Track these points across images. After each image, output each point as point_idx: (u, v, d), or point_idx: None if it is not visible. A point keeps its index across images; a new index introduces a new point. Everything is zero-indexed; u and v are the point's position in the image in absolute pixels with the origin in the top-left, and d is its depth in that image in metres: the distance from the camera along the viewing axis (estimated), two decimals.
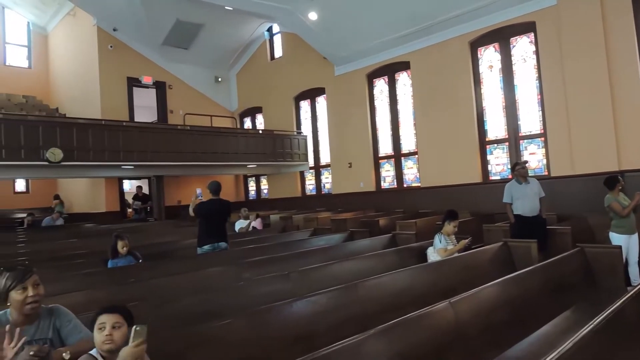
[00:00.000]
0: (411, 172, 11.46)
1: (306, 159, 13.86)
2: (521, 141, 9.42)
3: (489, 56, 9.88)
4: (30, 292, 2.20)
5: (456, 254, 4.82)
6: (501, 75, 9.66)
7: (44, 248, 7.24)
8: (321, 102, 13.68)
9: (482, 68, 9.96)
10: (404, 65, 11.30)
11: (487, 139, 9.92)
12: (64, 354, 2.12)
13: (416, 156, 11.23)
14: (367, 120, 12.11)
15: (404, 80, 11.52)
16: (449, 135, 10.21)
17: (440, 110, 10.36)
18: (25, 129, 9.29)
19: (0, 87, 15.59)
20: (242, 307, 3.44)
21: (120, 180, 13.64)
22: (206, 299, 3.45)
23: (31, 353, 1.98)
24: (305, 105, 14.26)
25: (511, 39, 9.49)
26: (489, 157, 9.91)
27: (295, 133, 13.97)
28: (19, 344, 1.71)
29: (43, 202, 15.31)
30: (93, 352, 2.03)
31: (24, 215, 13.02)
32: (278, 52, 14.88)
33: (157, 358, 2.15)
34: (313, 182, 14.08)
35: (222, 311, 3.27)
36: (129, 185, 15.14)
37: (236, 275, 4.54)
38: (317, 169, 13.88)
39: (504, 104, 9.63)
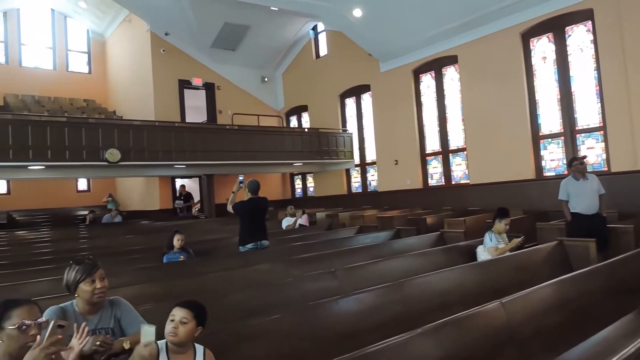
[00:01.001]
0: (459, 169, 11.19)
1: (352, 157, 13.84)
2: (578, 135, 8.97)
3: (542, 47, 9.46)
4: (97, 285, 2.36)
5: (508, 253, 4.67)
6: (555, 66, 9.23)
7: (103, 244, 7.66)
8: (366, 99, 13.61)
9: (535, 60, 9.56)
10: (451, 60, 11.03)
11: (540, 134, 9.52)
12: (124, 343, 2.24)
13: (465, 152, 10.94)
14: (413, 116, 11.93)
15: (451, 74, 11.25)
16: (500, 130, 9.88)
17: (490, 104, 10.04)
18: (87, 132, 9.86)
19: (63, 92, 16.65)
20: (290, 303, 3.51)
21: (173, 179, 14.18)
22: (255, 295, 3.53)
23: (97, 343, 2.12)
24: (350, 102, 14.24)
25: (566, 28, 9.04)
26: (542, 152, 9.51)
27: (340, 131, 13.98)
28: (85, 339, 1.83)
29: (103, 200, 16.18)
30: (161, 341, 2.12)
31: (86, 212, 13.85)
32: (323, 51, 14.94)
33: (211, 349, 2.24)
34: (359, 179, 14.04)
35: (271, 307, 3.34)
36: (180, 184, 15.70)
37: (283, 272, 4.61)
38: (363, 166, 13.83)
39: (558, 97, 9.20)
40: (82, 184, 17.31)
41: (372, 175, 13.56)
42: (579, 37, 8.92)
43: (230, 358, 2.39)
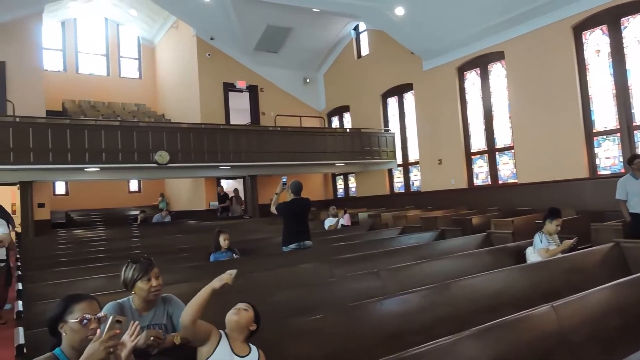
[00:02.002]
0: (507, 168, 10.84)
1: (394, 157, 13.72)
2: (636, 131, 8.48)
3: (596, 40, 9.02)
4: (153, 283, 2.47)
5: (559, 255, 4.49)
6: (610, 60, 8.78)
7: (154, 242, 7.97)
8: (409, 98, 13.44)
9: (588, 53, 9.12)
10: (497, 56, 10.71)
11: (594, 130, 9.07)
12: (175, 339, 2.34)
13: (512, 151, 10.59)
14: (457, 114, 11.67)
15: (497, 71, 10.92)
16: (550, 128, 9.50)
17: (540, 100, 9.67)
18: (138, 135, 10.30)
19: (116, 97, 17.47)
20: (334, 302, 3.53)
21: (218, 180, 14.56)
22: (299, 294, 3.57)
23: (151, 338, 2.23)
24: (392, 102, 14.11)
25: (622, 19, 8.58)
26: (596, 149, 9.06)
27: (382, 130, 13.88)
28: (137, 336, 1.92)
29: (153, 200, 16.88)
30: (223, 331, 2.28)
31: (137, 212, 14.46)
32: (365, 50, 14.88)
33: (256, 346, 2.30)
34: (401, 179, 13.89)
35: (315, 306, 3.37)
36: (226, 185, 16.09)
37: (326, 272, 4.64)
38: (406, 166, 13.67)
39: (614, 92, 8.74)
40: (134, 185, 18.09)
41: (415, 175, 13.37)
42: (636, 28, 8.43)
43: (276, 356, 2.43)
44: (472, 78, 11.55)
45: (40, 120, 10.01)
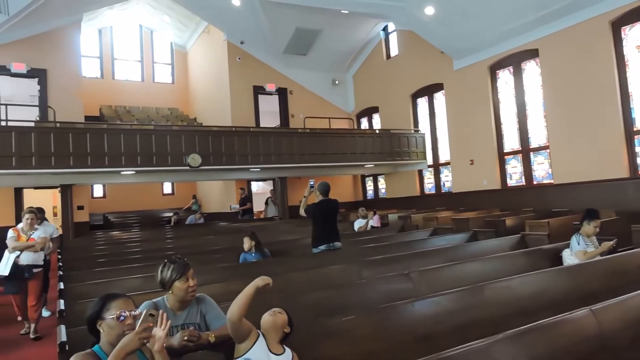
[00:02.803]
0: (542, 168, 10.54)
1: (424, 157, 13.56)
2: None
3: (636, 35, 8.66)
4: (190, 283, 2.54)
5: (598, 258, 4.34)
6: None
7: (187, 243, 8.14)
8: (439, 98, 13.26)
9: (627, 49, 8.77)
10: (531, 54, 10.44)
11: (635, 128, 8.72)
12: (209, 337, 2.39)
13: (547, 150, 10.30)
14: (490, 114, 11.44)
15: (531, 69, 10.64)
16: (588, 126, 9.18)
17: (576, 98, 9.37)
18: (171, 138, 10.56)
19: (150, 101, 17.97)
20: (364, 304, 3.52)
21: (249, 182, 14.74)
22: (329, 295, 3.59)
23: (186, 337, 2.28)
24: (422, 102, 13.95)
25: None
26: (637, 149, 8.70)
27: (412, 131, 13.75)
28: (167, 327, 1.98)
29: (186, 203, 17.25)
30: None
31: (171, 214, 14.79)
32: (394, 51, 14.79)
33: (288, 346, 2.33)
34: (432, 180, 13.71)
35: (345, 307, 3.37)
36: (256, 187, 16.30)
37: (356, 273, 4.64)
38: (437, 167, 13.48)
39: None
40: (167, 188, 18.54)
41: (446, 176, 13.18)
42: None
43: (308, 356, 2.45)
44: (505, 77, 11.30)
45: (79, 126, 10.40)
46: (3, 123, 10.52)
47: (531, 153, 10.75)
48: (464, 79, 12.01)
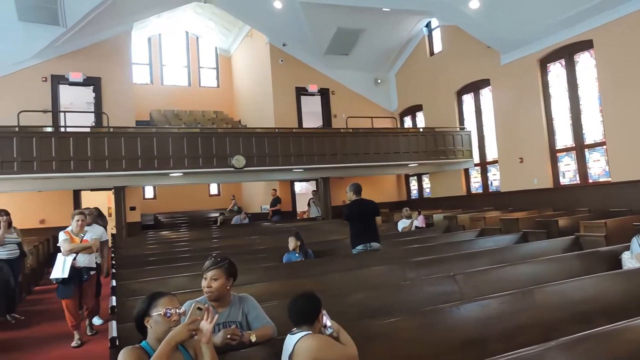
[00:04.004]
0: (598, 166, 9.98)
1: (470, 156, 13.18)
2: None
3: None
4: (204, 283, 2.57)
5: None
6: None
7: (232, 243, 8.32)
8: (486, 94, 12.85)
9: None
10: (585, 45, 9.91)
11: None
12: (251, 336, 2.41)
13: (604, 147, 9.74)
14: (540, 109, 10.95)
15: (585, 61, 10.10)
16: None
17: (636, 91, 8.80)
18: (216, 141, 10.83)
19: (197, 105, 18.54)
20: (408, 306, 3.46)
21: (292, 183, 14.88)
22: (372, 296, 3.55)
23: (228, 336, 2.32)
24: (468, 99, 13.57)
25: None
26: None
27: (458, 129, 13.40)
28: (214, 321, 2.04)
29: (230, 203, 17.64)
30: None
31: (217, 214, 15.17)
32: (437, 47, 14.47)
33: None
34: (479, 179, 13.31)
35: (388, 309, 3.33)
36: (299, 188, 16.42)
37: (400, 275, 4.57)
38: (483, 165, 13.07)
39: None
40: (213, 189, 19.04)
41: (494, 175, 12.75)
42: None
43: None
44: (556, 70, 10.79)
45: (131, 130, 10.86)
46: (62, 129, 11.18)
47: (586, 150, 10.20)
48: (512, 74, 11.57)
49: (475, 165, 13.23)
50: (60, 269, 5.04)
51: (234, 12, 15.08)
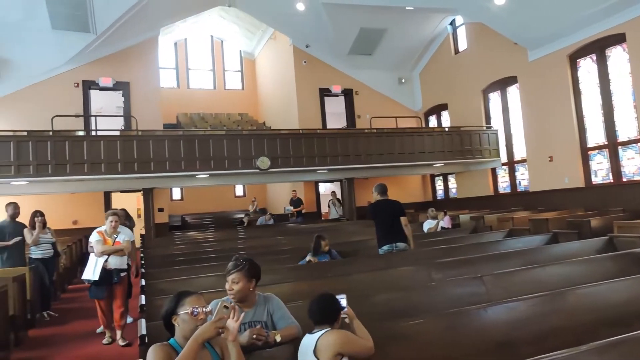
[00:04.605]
0: (632, 163, 9.64)
1: (498, 155, 12.93)
2: None
3: None
4: (226, 285, 2.60)
5: None
6: None
7: (257, 244, 8.38)
8: (513, 92, 12.59)
9: None
10: (617, 39, 9.59)
11: None
12: (276, 337, 2.43)
13: (638, 144, 9.41)
14: (570, 106, 10.66)
15: (617, 56, 9.78)
16: None
17: None
18: (241, 142, 10.96)
19: (222, 108, 18.81)
20: (434, 307, 3.42)
21: (316, 184, 14.90)
22: (398, 297, 3.52)
23: (254, 336, 2.34)
24: (494, 97, 13.32)
25: None
26: None
27: (484, 128, 13.17)
28: (240, 319, 2.06)
29: (252, 205, 17.79)
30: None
31: (242, 215, 15.33)
32: (462, 45, 14.26)
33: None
34: (507, 179, 13.04)
35: (414, 310, 3.30)
36: (323, 188, 16.43)
37: (426, 276, 4.51)
38: (511, 164, 12.80)
39: None
40: (239, 190, 19.25)
41: (522, 174, 12.47)
42: None
43: (377, 358, 2.42)
44: (587, 65, 10.48)
45: (159, 133, 11.11)
46: (93, 133, 11.51)
47: (619, 147, 9.87)
48: (540, 70, 11.30)
49: (503, 164, 12.97)
50: (92, 271, 5.07)
51: (257, 15, 15.23)
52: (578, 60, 10.60)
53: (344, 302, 2.35)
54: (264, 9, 14.28)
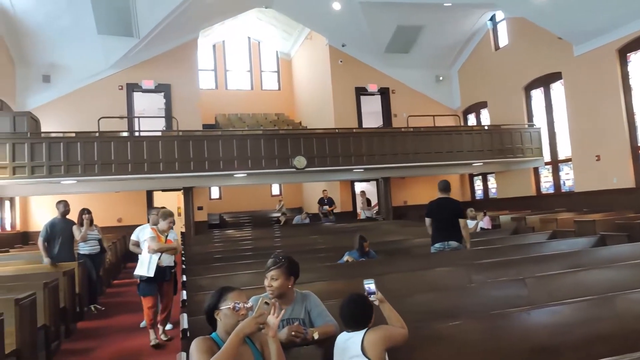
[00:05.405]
0: None
1: (540, 154, 12.50)
2: None
3: None
4: (265, 282, 2.63)
5: None
6: None
7: (293, 242, 8.44)
8: (557, 88, 12.13)
9: None
10: None
11: None
12: (314, 334, 2.44)
13: None
14: (620, 103, 10.17)
15: None
16: None
17: None
18: (278, 142, 11.09)
19: (259, 108, 19.08)
20: (474, 309, 3.35)
21: (352, 183, 14.87)
22: (436, 298, 3.46)
23: (292, 333, 2.37)
24: (537, 94, 12.88)
25: None
26: None
27: (526, 126, 12.76)
28: (280, 315, 2.10)
29: (292, 203, 17.97)
30: None
31: (279, 214, 15.49)
32: (503, 41, 13.86)
33: (392, 348, 2.29)
34: (550, 179, 12.58)
35: (453, 311, 3.24)
36: (359, 188, 16.37)
37: (465, 277, 4.42)
38: (555, 164, 12.34)
39: None
40: (275, 189, 19.47)
41: (567, 174, 12.00)
42: None
43: (414, 358, 2.40)
44: (638, 60, 9.96)
45: (198, 134, 11.39)
46: (137, 134, 11.93)
47: None
48: (586, 66, 10.84)
49: (546, 163, 12.52)
50: (146, 267, 5.05)
51: (293, 16, 15.35)
52: (628, 54, 10.11)
53: (372, 286, 2.45)
54: (300, 9, 14.38)
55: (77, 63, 12.22)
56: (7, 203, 11.32)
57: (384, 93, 15.38)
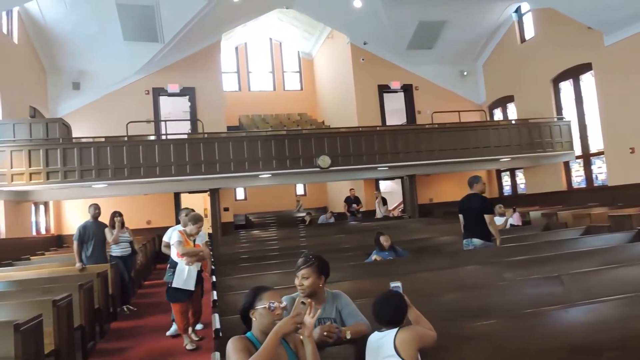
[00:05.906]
0: None
1: (571, 148, 12.15)
2: None
3: None
4: (296, 281, 2.63)
5: None
6: None
7: (319, 242, 8.44)
8: (587, 80, 11.77)
9: None
10: None
11: None
12: (347, 334, 2.43)
13: None
14: None
15: None
16: None
17: None
18: (302, 142, 11.11)
19: (282, 108, 19.18)
20: (505, 308, 3.28)
21: (376, 182, 14.78)
22: (467, 296, 3.42)
23: (325, 333, 2.36)
24: (566, 86, 12.53)
25: None
26: None
27: (555, 119, 12.43)
28: (316, 315, 2.11)
29: (316, 203, 17.99)
30: None
31: (304, 214, 15.53)
32: (529, 33, 13.53)
33: (424, 349, 2.27)
34: (581, 173, 12.22)
35: (484, 310, 3.18)
36: (383, 186, 16.26)
37: (496, 274, 4.33)
38: (586, 157, 11.97)
39: None
40: (300, 189, 19.53)
41: (599, 168, 11.63)
42: None
43: (449, 358, 2.37)
44: None
45: (223, 135, 11.52)
46: (163, 137, 12.16)
47: None
48: (618, 55, 10.47)
49: (577, 157, 12.17)
50: (184, 279, 4.91)
51: (314, 15, 15.35)
52: None
53: (399, 289, 2.46)
54: (320, 8, 14.37)
55: (105, 69, 12.55)
56: (41, 207, 11.72)
57: (407, 90, 15.22)
